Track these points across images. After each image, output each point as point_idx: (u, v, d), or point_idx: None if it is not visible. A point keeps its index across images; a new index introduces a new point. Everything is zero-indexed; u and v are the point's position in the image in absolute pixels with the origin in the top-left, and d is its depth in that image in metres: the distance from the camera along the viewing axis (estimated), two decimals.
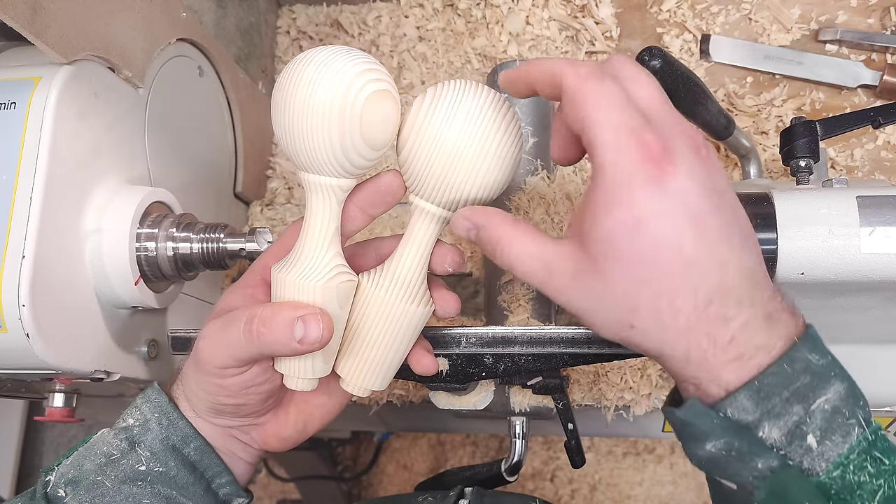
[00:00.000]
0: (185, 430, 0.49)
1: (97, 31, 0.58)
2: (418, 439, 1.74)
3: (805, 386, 0.36)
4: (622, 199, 0.36)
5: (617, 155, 0.36)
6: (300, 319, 0.43)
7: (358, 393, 0.49)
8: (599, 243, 0.37)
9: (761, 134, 0.80)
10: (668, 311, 0.36)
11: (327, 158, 0.42)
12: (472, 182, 0.44)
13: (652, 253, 0.36)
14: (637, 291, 0.37)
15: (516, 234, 0.41)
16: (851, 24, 0.81)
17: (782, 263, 0.52)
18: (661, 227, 0.35)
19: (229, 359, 0.45)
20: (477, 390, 0.65)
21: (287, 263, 0.46)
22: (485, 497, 0.59)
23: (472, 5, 0.88)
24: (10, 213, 0.54)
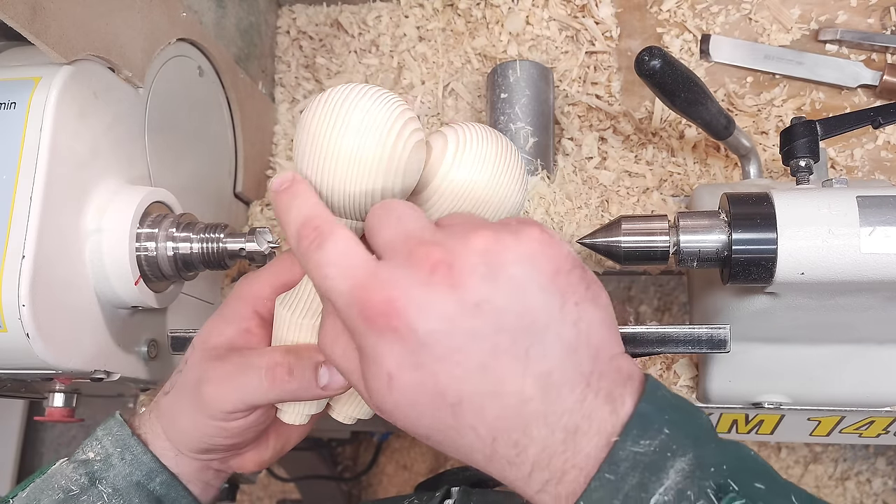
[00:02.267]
0: (150, 465, 0.48)
1: (97, 31, 0.58)
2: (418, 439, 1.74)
3: (636, 487, 0.31)
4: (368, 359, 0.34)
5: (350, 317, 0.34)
6: (325, 366, 0.42)
7: (347, 422, 0.49)
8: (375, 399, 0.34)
9: (761, 134, 0.80)
10: (463, 451, 0.34)
11: (362, 206, 0.41)
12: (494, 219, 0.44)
13: (414, 405, 0.33)
14: (432, 435, 0.34)
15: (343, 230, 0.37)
16: (851, 24, 0.81)
17: (782, 263, 0.52)
18: (409, 383, 0.32)
19: (241, 404, 0.44)
20: None
21: (295, 304, 0.45)
22: (472, 495, 0.58)
23: (472, 5, 0.88)
24: (10, 213, 0.54)
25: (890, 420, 0.73)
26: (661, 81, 0.61)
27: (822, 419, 0.73)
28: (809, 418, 0.73)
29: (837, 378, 0.66)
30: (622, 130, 0.82)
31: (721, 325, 0.57)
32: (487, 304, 0.32)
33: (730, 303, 0.61)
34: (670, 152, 0.81)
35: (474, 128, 0.44)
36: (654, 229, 0.57)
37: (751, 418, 0.75)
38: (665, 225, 0.57)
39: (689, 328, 0.56)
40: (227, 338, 0.47)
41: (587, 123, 0.83)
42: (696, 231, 0.55)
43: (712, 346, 0.56)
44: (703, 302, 0.67)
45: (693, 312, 0.72)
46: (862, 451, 1.50)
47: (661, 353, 0.58)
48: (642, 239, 0.57)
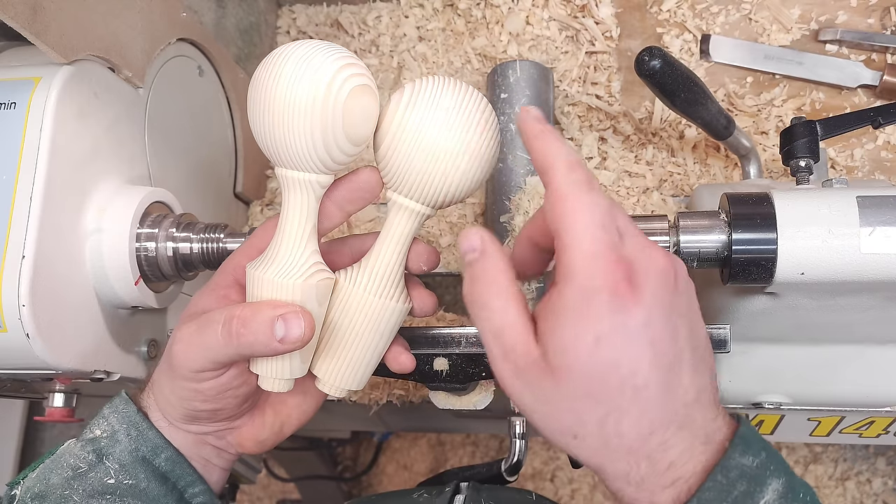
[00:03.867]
0: (156, 441, 0.48)
1: (97, 31, 0.58)
2: (418, 439, 1.74)
3: (742, 494, 0.36)
4: (586, 314, 0.35)
5: (590, 269, 0.35)
6: (281, 318, 0.42)
7: (334, 394, 0.48)
8: (558, 352, 0.36)
9: (761, 134, 0.80)
10: (613, 431, 0.36)
11: (308, 154, 0.42)
12: (452, 179, 0.44)
13: (605, 374, 0.35)
14: (586, 406, 0.36)
15: (510, 290, 0.39)
16: (851, 24, 0.81)
17: (782, 263, 0.52)
18: (617, 351, 0.35)
19: (206, 362, 0.44)
20: (477, 390, 0.65)
21: (263, 262, 0.45)
22: (481, 492, 0.59)
23: (472, 5, 0.88)
24: (10, 213, 0.54)
25: (890, 420, 0.73)
26: (661, 81, 0.61)
27: (822, 419, 0.73)
28: (809, 418, 0.73)
29: (837, 378, 0.66)
30: (622, 130, 0.82)
31: (721, 325, 0.57)
32: (689, 315, 0.39)
33: (730, 303, 0.61)
34: (670, 152, 0.81)
35: (437, 77, 0.44)
36: (654, 229, 0.57)
37: (751, 418, 0.75)
38: (665, 225, 0.57)
39: None
40: (206, 304, 0.47)
41: (587, 123, 0.83)
42: (696, 231, 0.55)
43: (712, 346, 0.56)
44: (702, 302, 0.67)
45: None
46: (862, 451, 1.50)
47: None
48: None
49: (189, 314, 0.47)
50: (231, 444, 0.52)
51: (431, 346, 0.60)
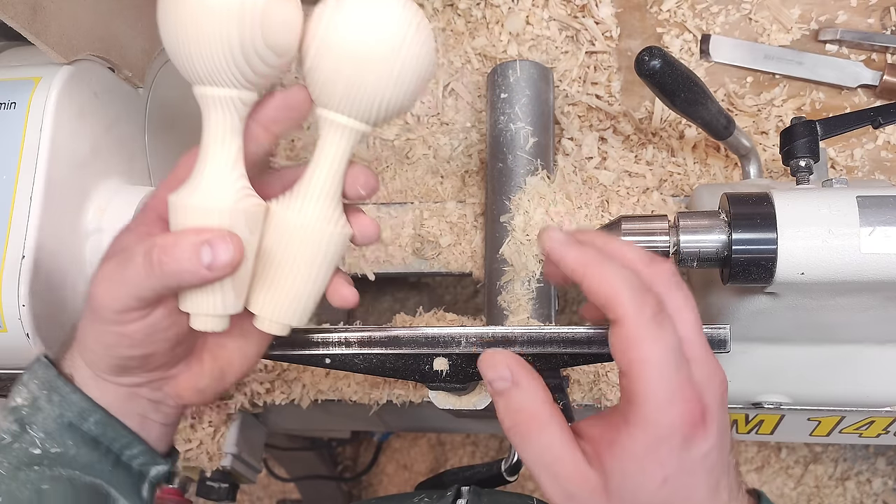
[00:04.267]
0: (81, 405, 0.44)
1: (97, 31, 0.58)
2: (418, 439, 1.74)
3: None
4: (657, 458, 0.36)
5: (661, 411, 0.36)
6: (206, 243, 0.38)
7: (274, 331, 0.44)
8: (625, 489, 0.37)
9: (761, 134, 0.80)
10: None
11: (226, 65, 0.39)
12: (385, 87, 0.40)
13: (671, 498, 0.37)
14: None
15: (552, 421, 0.39)
16: (851, 24, 0.81)
17: (782, 263, 0.52)
18: (680, 484, 0.37)
19: (130, 299, 0.40)
20: (477, 390, 0.65)
21: (186, 189, 0.41)
22: (482, 496, 0.58)
23: (472, 5, 0.88)
24: (10, 213, 0.54)
25: (890, 420, 0.73)
26: (661, 81, 0.61)
27: (822, 419, 0.73)
28: (809, 418, 0.73)
29: (837, 378, 0.66)
30: (622, 130, 0.82)
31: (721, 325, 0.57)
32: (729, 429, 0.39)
33: (730, 303, 0.61)
34: (670, 152, 0.81)
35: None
36: (654, 229, 0.57)
37: (751, 418, 0.75)
38: (665, 225, 0.57)
39: None
40: (126, 242, 0.43)
41: (587, 123, 0.83)
42: (696, 231, 0.55)
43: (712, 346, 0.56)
44: (703, 302, 0.67)
45: None
46: (862, 451, 1.50)
47: None
48: (642, 239, 0.57)
49: (110, 253, 0.43)
50: (169, 395, 0.47)
51: (431, 346, 0.60)
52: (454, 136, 0.85)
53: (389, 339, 0.61)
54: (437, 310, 0.73)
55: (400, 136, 0.86)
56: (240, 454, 0.86)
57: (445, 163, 0.85)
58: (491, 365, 0.40)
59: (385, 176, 0.85)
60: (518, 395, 0.39)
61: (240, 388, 0.83)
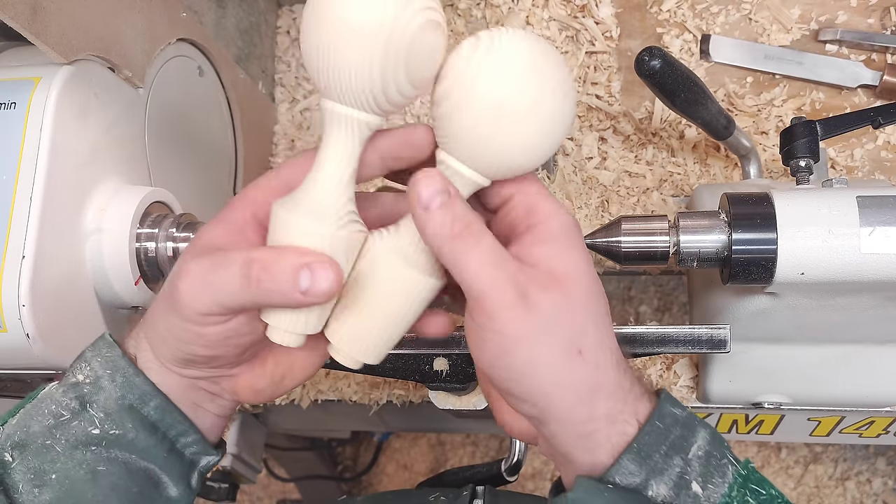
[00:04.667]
0: (143, 388, 0.43)
1: (97, 31, 0.58)
2: (418, 439, 1.74)
3: (678, 437, 0.39)
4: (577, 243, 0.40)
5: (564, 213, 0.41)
6: (307, 267, 0.37)
7: (348, 364, 0.43)
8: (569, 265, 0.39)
9: (761, 134, 0.80)
10: (607, 339, 0.40)
11: (362, 87, 0.37)
12: (519, 144, 0.38)
13: (599, 292, 0.40)
14: (588, 319, 0.39)
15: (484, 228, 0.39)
16: (851, 24, 0.81)
17: (782, 263, 0.52)
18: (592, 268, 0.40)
19: (216, 305, 0.39)
20: (477, 390, 0.65)
21: (292, 202, 0.40)
22: (499, 497, 0.58)
23: (472, 5, 0.88)
24: (10, 213, 0.54)
25: (890, 420, 0.73)
26: (661, 81, 0.61)
27: (822, 419, 0.73)
28: (809, 418, 0.73)
29: (837, 378, 0.66)
30: (622, 130, 0.82)
31: (721, 325, 0.57)
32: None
33: (730, 303, 0.61)
34: (670, 152, 0.81)
35: (513, 28, 0.38)
36: (654, 229, 0.57)
37: (751, 418, 0.75)
38: (665, 225, 0.57)
39: (689, 328, 0.56)
40: (217, 237, 0.42)
41: (587, 123, 0.83)
42: (696, 231, 0.55)
43: (712, 346, 0.56)
44: (703, 302, 0.67)
45: (693, 312, 0.72)
46: (862, 451, 1.50)
47: (661, 353, 0.58)
48: (642, 239, 0.57)
49: (199, 247, 0.42)
50: (226, 390, 0.47)
51: (431, 346, 0.60)
52: None
53: None
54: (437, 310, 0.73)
55: None
56: (240, 454, 0.86)
57: None
58: (429, 181, 0.38)
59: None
60: (460, 204, 0.38)
61: None
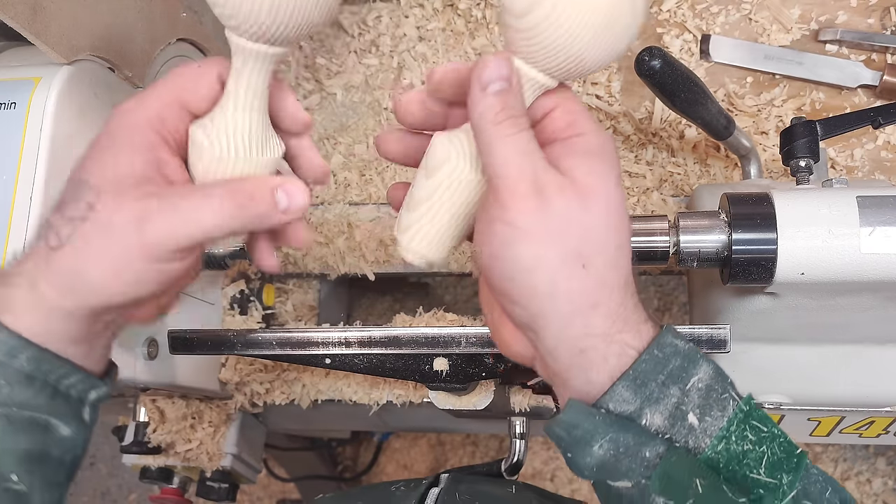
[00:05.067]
0: (10, 343, 0.41)
1: (97, 31, 0.58)
2: (418, 439, 1.74)
3: (677, 368, 0.38)
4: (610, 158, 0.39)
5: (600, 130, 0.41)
6: (281, 189, 0.41)
7: (416, 261, 0.44)
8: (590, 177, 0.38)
9: (761, 134, 0.80)
10: (620, 263, 0.39)
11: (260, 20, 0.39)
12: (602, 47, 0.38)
13: (622, 209, 0.39)
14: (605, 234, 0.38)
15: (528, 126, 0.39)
16: (851, 24, 0.81)
17: (782, 263, 0.52)
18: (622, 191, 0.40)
19: (200, 235, 0.40)
20: (477, 390, 0.65)
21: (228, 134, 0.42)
22: (461, 483, 0.58)
23: (472, 5, 0.88)
24: (10, 214, 0.54)
25: (890, 420, 0.73)
26: (661, 81, 0.61)
27: (822, 419, 0.73)
28: (809, 418, 0.73)
29: (837, 378, 0.66)
30: (622, 130, 0.82)
31: (721, 325, 0.57)
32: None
33: (730, 303, 0.61)
34: (670, 152, 0.81)
35: None
36: (654, 229, 0.57)
37: None
38: (665, 225, 0.57)
39: (689, 328, 0.56)
40: (138, 169, 0.41)
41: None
42: (696, 231, 0.55)
43: (712, 346, 0.56)
44: (703, 302, 0.67)
45: (693, 312, 0.72)
46: (862, 451, 1.50)
47: None
48: (642, 239, 0.57)
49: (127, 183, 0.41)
50: (127, 320, 0.46)
51: (431, 346, 0.60)
52: None
53: (389, 339, 0.61)
54: (437, 310, 0.73)
55: None
56: (240, 454, 0.86)
57: None
58: (497, 65, 0.39)
59: (385, 176, 0.85)
60: (515, 97, 0.39)
61: (240, 388, 0.83)
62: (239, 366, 0.81)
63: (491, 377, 0.62)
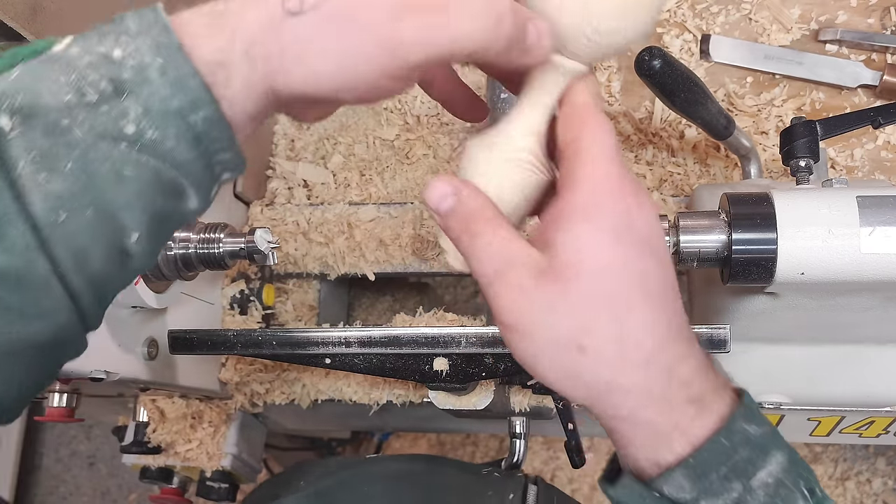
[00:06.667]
0: (198, 93, 0.35)
1: None
2: (418, 439, 1.74)
3: (744, 460, 0.35)
4: (601, 211, 0.35)
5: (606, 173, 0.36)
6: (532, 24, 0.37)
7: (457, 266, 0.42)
8: (571, 252, 0.35)
9: (761, 134, 0.80)
10: (630, 336, 0.34)
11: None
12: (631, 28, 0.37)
13: (620, 271, 0.35)
14: (597, 309, 0.34)
15: (500, 217, 0.38)
16: (851, 24, 0.81)
17: (782, 263, 0.52)
18: (631, 249, 0.35)
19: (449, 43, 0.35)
20: (477, 390, 0.65)
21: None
22: (552, 490, 0.58)
23: None
24: None
25: (890, 420, 0.73)
26: (661, 81, 0.61)
27: (822, 419, 0.73)
28: (809, 418, 0.73)
29: (837, 378, 0.66)
30: (622, 130, 0.82)
31: (721, 325, 0.57)
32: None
33: (730, 303, 0.61)
34: (670, 152, 0.81)
35: None
36: None
37: None
38: (665, 225, 0.57)
39: None
40: None
41: None
42: (696, 231, 0.55)
43: (712, 346, 0.56)
44: (703, 302, 0.67)
45: (693, 312, 0.72)
46: (862, 451, 1.50)
47: None
48: None
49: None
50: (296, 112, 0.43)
51: (431, 346, 0.60)
52: (454, 136, 0.85)
53: (389, 339, 0.61)
54: (437, 310, 0.73)
55: (400, 136, 0.86)
56: (240, 454, 0.86)
57: (445, 163, 0.85)
58: (432, 190, 0.37)
59: (385, 176, 0.85)
60: (465, 203, 0.37)
61: (240, 388, 0.83)
62: (239, 366, 0.81)
63: (491, 377, 0.62)
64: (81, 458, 1.85)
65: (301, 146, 0.89)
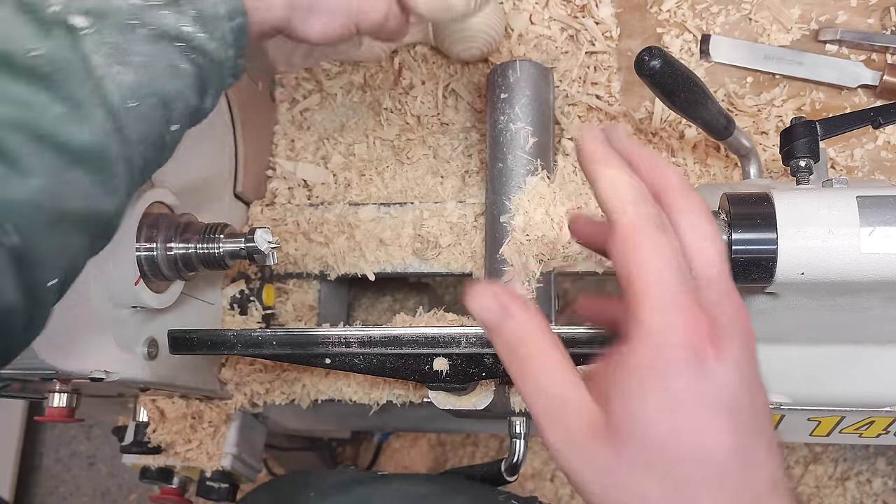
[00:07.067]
0: (237, 3, 0.43)
1: None
2: (418, 439, 1.74)
3: None
4: (661, 376, 0.31)
5: (665, 323, 0.31)
6: None
7: None
8: (625, 417, 0.32)
9: (761, 134, 0.80)
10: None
11: None
12: None
13: (677, 444, 0.31)
14: (651, 480, 0.31)
15: (554, 350, 0.35)
16: (851, 24, 0.81)
17: (782, 263, 0.52)
18: (694, 419, 0.31)
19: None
20: (477, 390, 0.65)
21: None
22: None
23: None
24: None
25: (890, 420, 0.73)
26: (661, 81, 0.61)
27: (822, 419, 0.73)
28: (809, 418, 0.73)
29: (837, 378, 0.66)
30: None
31: None
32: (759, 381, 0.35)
33: None
34: (670, 152, 0.81)
35: None
36: None
37: None
38: None
39: None
40: None
41: (587, 123, 0.83)
42: None
43: None
44: None
45: None
46: (862, 451, 1.50)
47: None
48: None
49: None
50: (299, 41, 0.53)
51: (431, 346, 0.60)
52: (454, 136, 0.85)
53: (389, 339, 0.61)
54: (437, 310, 0.73)
55: (400, 136, 0.86)
56: (240, 454, 0.86)
57: (445, 163, 0.85)
58: (475, 295, 0.35)
59: (385, 176, 0.85)
60: (511, 326, 0.34)
61: (240, 388, 0.83)
62: (239, 366, 0.81)
63: (491, 377, 0.62)
64: (81, 458, 1.85)
65: (301, 146, 0.89)
